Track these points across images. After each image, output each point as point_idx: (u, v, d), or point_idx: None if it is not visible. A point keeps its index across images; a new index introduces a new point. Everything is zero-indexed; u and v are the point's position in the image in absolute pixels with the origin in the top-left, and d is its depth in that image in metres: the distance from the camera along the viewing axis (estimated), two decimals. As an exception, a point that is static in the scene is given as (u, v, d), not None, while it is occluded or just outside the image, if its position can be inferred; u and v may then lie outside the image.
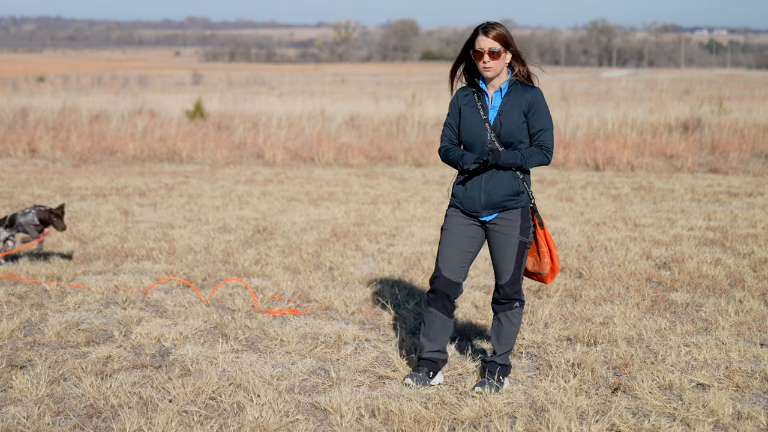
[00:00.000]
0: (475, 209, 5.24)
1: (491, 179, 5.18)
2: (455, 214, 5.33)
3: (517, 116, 5.15)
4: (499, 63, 5.15)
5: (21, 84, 45.91)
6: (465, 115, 5.27)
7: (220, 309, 7.07)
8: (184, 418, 4.89)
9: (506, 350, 5.41)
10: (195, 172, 15.82)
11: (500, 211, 5.22)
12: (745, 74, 75.02)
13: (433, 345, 5.42)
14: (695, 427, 4.81)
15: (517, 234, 5.23)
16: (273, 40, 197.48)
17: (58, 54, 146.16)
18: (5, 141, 18.38)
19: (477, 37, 5.17)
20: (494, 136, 5.18)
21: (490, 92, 5.25)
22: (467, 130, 5.25)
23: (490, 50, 5.11)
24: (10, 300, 7.25)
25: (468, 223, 5.29)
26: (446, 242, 5.31)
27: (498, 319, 5.41)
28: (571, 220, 10.89)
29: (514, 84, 5.23)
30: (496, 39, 5.12)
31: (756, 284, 7.72)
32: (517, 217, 5.23)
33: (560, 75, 69.54)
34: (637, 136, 18.39)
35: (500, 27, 5.15)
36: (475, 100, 5.26)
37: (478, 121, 5.21)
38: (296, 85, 46.15)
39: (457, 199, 5.31)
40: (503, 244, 5.25)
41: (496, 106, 5.22)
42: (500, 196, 5.18)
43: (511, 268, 5.29)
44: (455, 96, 5.36)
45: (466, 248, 5.31)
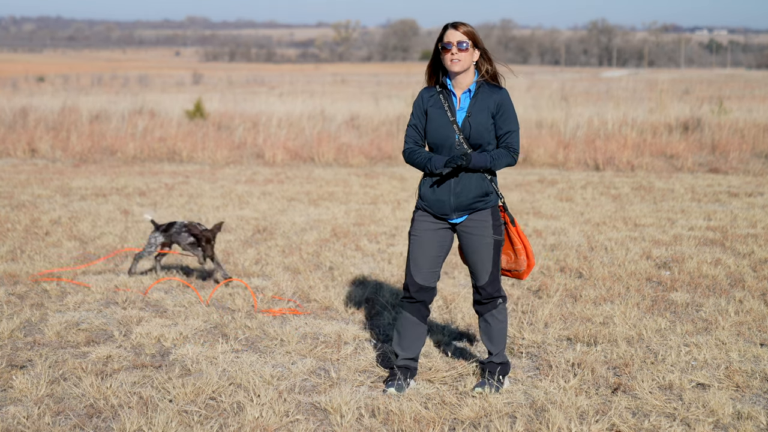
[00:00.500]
0: (445, 212, 5.17)
1: (460, 181, 5.12)
2: (423, 218, 5.25)
3: (485, 118, 5.11)
4: (467, 58, 5.10)
5: (21, 84, 45.92)
6: (432, 117, 5.18)
7: (220, 309, 7.07)
8: (184, 418, 4.89)
9: (501, 348, 5.38)
10: (195, 172, 15.82)
11: (470, 212, 5.18)
12: (745, 74, 75.03)
13: (407, 353, 5.37)
14: (695, 427, 4.81)
15: (490, 233, 5.19)
16: (273, 40, 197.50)
17: (58, 54, 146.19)
18: (5, 141, 18.38)
19: (446, 32, 5.12)
20: (462, 137, 5.11)
21: (458, 93, 5.18)
22: (435, 132, 5.16)
23: (458, 42, 5.07)
24: (10, 300, 7.25)
25: (437, 227, 5.22)
26: (416, 248, 5.24)
27: (485, 320, 5.35)
28: (571, 220, 10.89)
29: (481, 85, 5.18)
30: (465, 34, 5.09)
31: (756, 284, 7.72)
32: (488, 217, 5.19)
33: (560, 75, 69.54)
34: (637, 136, 18.39)
35: (469, 26, 5.13)
36: (442, 100, 5.18)
37: (446, 123, 5.13)
38: (296, 85, 46.16)
39: (426, 202, 5.22)
40: (478, 244, 5.20)
41: (464, 107, 5.16)
42: (470, 198, 5.13)
43: (489, 267, 5.24)
44: (419, 97, 5.25)
45: (437, 252, 5.25)
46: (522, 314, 6.89)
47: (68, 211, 11.34)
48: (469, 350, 6.10)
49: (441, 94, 5.19)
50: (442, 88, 5.21)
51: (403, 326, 5.36)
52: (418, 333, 5.36)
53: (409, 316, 5.33)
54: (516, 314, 6.90)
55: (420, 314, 5.33)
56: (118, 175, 15.04)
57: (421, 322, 5.34)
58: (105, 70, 76.35)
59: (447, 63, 5.11)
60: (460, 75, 5.15)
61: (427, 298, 5.30)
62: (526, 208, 11.76)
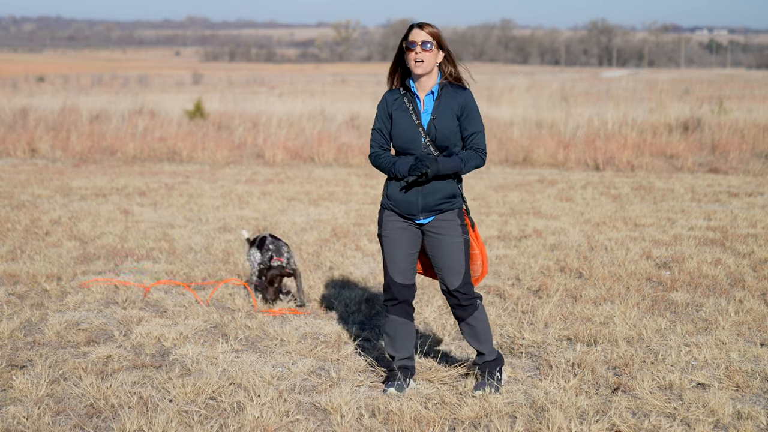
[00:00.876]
0: (412, 212, 5.11)
1: (428, 183, 5.06)
2: (391, 218, 5.19)
3: (450, 120, 5.05)
4: (430, 58, 5.02)
5: (21, 84, 45.92)
6: (397, 120, 5.11)
7: (220, 309, 7.07)
8: (184, 418, 4.89)
9: (490, 345, 5.32)
10: (195, 171, 15.82)
11: (437, 213, 5.12)
12: (745, 74, 75.04)
13: (402, 353, 5.34)
14: (695, 426, 4.81)
15: (460, 233, 5.13)
16: (273, 40, 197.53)
17: (58, 54, 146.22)
18: (5, 141, 18.38)
19: (411, 31, 5.05)
20: (429, 140, 5.05)
21: (421, 95, 5.11)
22: (400, 136, 5.10)
23: (423, 42, 4.99)
24: (10, 300, 7.25)
25: (405, 226, 5.16)
26: (390, 248, 5.19)
27: (467, 324, 5.26)
28: (571, 220, 10.89)
29: (444, 86, 5.11)
30: (430, 34, 5.01)
31: (756, 284, 7.72)
32: (455, 217, 5.14)
33: (560, 75, 69.55)
34: (637, 135, 18.39)
35: (435, 27, 5.05)
36: (406, 103, 5.11)
37: (411, 126, 5.06)
38: (296, 85, 46.16)
39: (392, 202, 5.16)
40: (449, 245, 5.12)
41: (428, 109, 5.09)
42: (437, 200, 5.08)
43: (462, 267, 5.15)
44: (383, 100, 5.19)
45: (410, 249, 5.19)
46: (522, 314, 6.89)
47: (68, 211, 11.34)
48: (469, 350, 6.10)
49: (405, 97, 5.12)
50: (405, 90, 5.14)
51: (392, 329, 5.31)
52: (408, 331, 5.32)
53: (395, 318, 5.29)
54: (516, 314, 6.90)
55: (406, 313, 5.29)
56: (118, 175, 15.04)
57: (409, 320, 5.31)
58: (105, 70, 76.38)
59: (410, 63, 5.03)
60: (424, 77, 5.08)
61: (409, 296, 5.26)
62: (526, 208, 11.77)
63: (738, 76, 66.50)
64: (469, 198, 12.62)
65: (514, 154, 17.17)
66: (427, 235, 5.17)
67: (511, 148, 17.47)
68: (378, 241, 7.08)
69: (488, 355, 5.33)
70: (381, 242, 5.24)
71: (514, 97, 25.92)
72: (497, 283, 7.85)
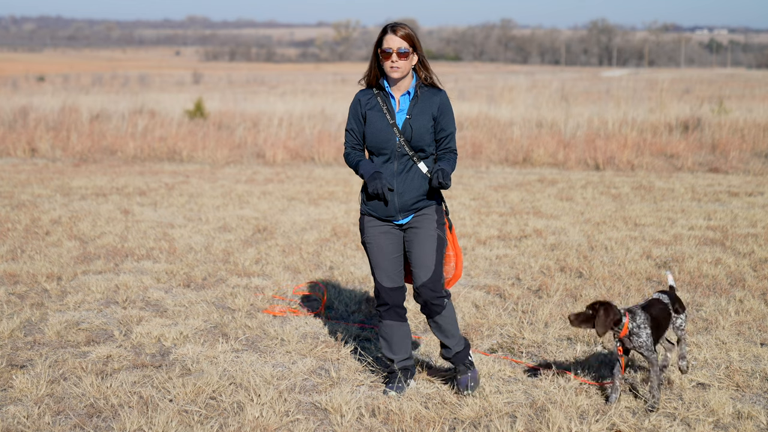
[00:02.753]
0: (390, 214, 5.10)
1: (404, 182, 5.05)
2: (371, 223, 5.17)
3: (427, 120, 5.03)
4: (407, 64, 4.99)
5: (21, 83, 45.92)
6: (371, 120, 5.08)
7: (220, 308, 7.07)
8: (184, 418, 4.89)
9: (458, 337, 5.28)
10: (195, 171, 15.82)
11: (415, 212, 5.12)
12: (745, 74, 75.02)
13: (401, 355, 5.32)
14: (695, 426, 4.81)
15: (434, 227, 5.11)
16: (273, 40, 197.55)
17: (59, 53, 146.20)
18: (5, 140, 18.38)
19: (385, 36, 4.99)
20: (403, 140, 5.02)
21: (396, 95, 5.08)
22: (374, 136, 5.06)
23: (398, 50, 4.95)
24: (10, 299, 7.25)
25: (386, 230, 5.15)
26: (375, 254, 5.17)
27: (435, 321, 5.22)
28: (572, 219, 10.89)
29: (420, 87, 5.08)
30: (404, 38, 4.97)
31: (756, 284, 7.72)
32: (432, 213, 5.13)
33: (560, 74, 69.54)
34: (638, 135, 18.39)
35: (409, 28, 5.02)
36: (380, 103, 5.07)
37: (386, 126, 5.04)
38: (296, 85, 46.18)
39: (370, 207, 5.16)
40: (422, 238, 5.10)
41: (404, 109, 5.06)
42: (413, 198, 5.07)
43: (432, 263, 5.10)
44: (356, 100, 5.14)
45: (395, 253, 5.17)
46: (522, 314, 6.89)
47: (68, 210, 11.34)
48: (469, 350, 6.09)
49: (379, 97, 5.08)
50: (379, 90, 5.10)
51: (387, 333, 5.29)
52: (404, 333, 5.30)
53: (389, 322, 5.26)
54: (516, 314, 6.90)
55: (399, 316, 5.26)
56: (118, 175, 15.04)
57: (403, 322, 5.29)
58: (105, 69, 76.38)
59: (387, 69, 5.00)
60: (400, 79, 5.05)
61: (400, 299, 5.23)
62: (526, 207, 11.76)
63: (738, 76, 66.49)
64: (469, 198, 12.62)
65: (514, 154, 17.17)
66: (406, 233, 5.17)
67: (511, 148, 17.47)
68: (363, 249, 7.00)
69: (456, 346, 5.28)
70: (365, 249, 5.23)
71: (514, 96, 25.92)
72: (497, 282, 7.85)
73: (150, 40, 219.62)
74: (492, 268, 8.39)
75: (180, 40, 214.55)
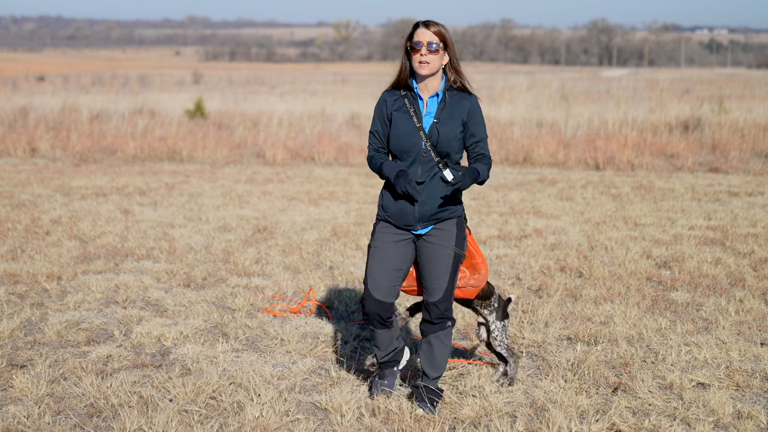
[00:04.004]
0: (409, 223, 4.84)
1: (425, 190, 4.79)
2: (385, 230, 4.91)
3: (456, 125, 4.78)
4: (436, 60, 4.75)
5: (21, 83, 45.93)
6: (396, 122, 4.83)
7: (220, 308, 7.07)
8: (184, 418, 4.89)
9: (439, 374, 5.02)
10: (195, 171, 15.82)
11: (435, 223, 4.86)
12: (745, 74, 75.01)
13: (387, 349, 5.14)
14: (695, 426, 4.81)
15: (452, 245, 4.86)
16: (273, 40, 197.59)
17: (59, 53, 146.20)
18: (5, 140, 18.38)
19: (416, 30, 4.77)
20: (429, 145, 4.76)
21: (424, 96, 4.84)
22: (399, 138, 4.81)
23: (428, 43, 4.73)
24: (10, 299, 7.25)
25: (399, 240, 4.89)
26: (376, 261, 4.90)
27: (428, 342, 4.98)
28: (572, 219, 10.89)
29: (450, 90, 4.85)
30: (436, 34, 4.74)
31: (756, 284, 7.72)
32: (453, 228, 4.88)
33: (560, 74, 69.53)
34: (638, 135, 18.39)
35: (442, 26, 4.79)
36: (407, 105, 4.83)
37: (412, 129, 4.78)
38: (296, 85, 46.18)
39: (388, 213, 4.89)
40: (437, 256, 4.86)
41: (431, 111, 4.82)
42: (435, 208, 4.81)
43: (445, 283, 4.88)
44: (382, 101, 4.90)
45: (397, 266, 4.91)
46: (522, 313, 6.89)
47: (68, 210, 11.34)
48: (469, 350, 6.10)
49: (406, 98, 4.85)
50: (407, 90, 4.86)
51: (380, 341, 5.11)
52: (392, 336, 5.11)
53: (378, 330, 5.05)
54: (516, 314, 6.90)
55: (383, 325, 5.02)
56: (118, 175, 15.04)
57: (387, 328, 5.05)
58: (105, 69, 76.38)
59: (415, 65, 4.77)
60: (428, 78, 4.82)
61: (384, 313, 4.96)
62: (526, 207, 11.77)
63: (738, 76, 66.48)
64: (469, 198, 12.62)
65: (514, 154, 17.17)
66: (420, 244, 4.92)
67: (512, 148, 17.48)
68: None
69: (432, 382, 5.01)
70: (369, 252, 4.97)
71: (514, 96, 25.92)
72: (497, 282, 7.85)
73: (150, 40, 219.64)
74: (492, 268, 8.39)
75: (180, 40, 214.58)
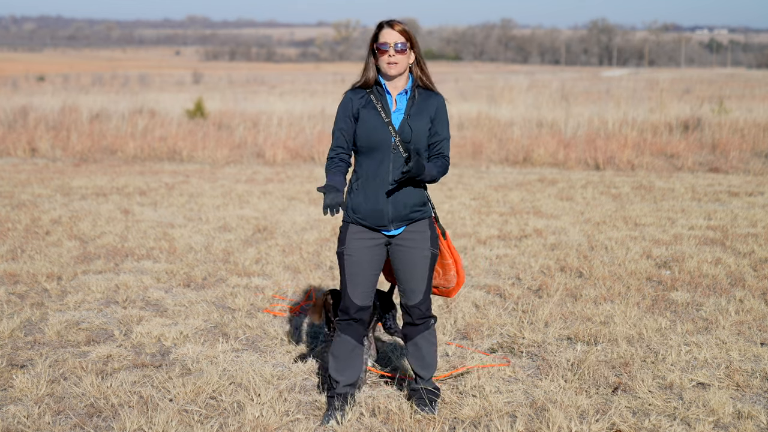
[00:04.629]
0: (382, 223, 4.74)
1: (398, 189, 4.72)
2: (357, 234, 4.78)
3: (425, 122, 4.74)
4: (404, 60, 4.70)
5: (21, 83, 45.92)
6: (364, 118, 4.72)
7: (220, 308, 7.07)
8: (184, 418, 4.89)
9: (432, 373, 5.01)
10: (195, 171, 15.82)
11: (408, 223, 4.78)
12: (745, 74, 75.01)
13: (347, 379, 4.93)
14: (695, 426, 4.81)
15: (428, 246, 4.81)
16: (273, 40, 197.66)
17: (59, 53, 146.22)
18: (5, 140, 18.38)
19: (381, 31, 4.71)
20: (399, 140, 4.68)
21: (393, 93, 4.77)
22: (368, 135, 4.71)
23: (395, 44, 4.67)
24: (10, 299, 7.25)
25: (371, 244, 4.79)
26: (353, 269, 4.78)
27: (415, 344, 4.95)
28: (572, 219, 10.89)
29: (417, 87, 4.80)
30: (401, 33, 4.68)
31: (756, 283, 7.72)
32: (426, 228, 4.81)
33: (560, 74, 69.53)
34: (638, 135, 18.39)
35: (405, 24, 4.75)
36: (374, 101, 4.75)
37: (381, 125, 4.70)
38: (296, 85, 46.20)
39: (359, 215, 4.76)
40: (415, 259, 4.80)
41: (401, 108, 4.76)
42: (408, 207, 4.74)
43: (424, 285, 4.84)
44: (347, 99, 4.80)
45: (374, 270, 4.82)
46: (522, 313, 6.89)
47: (68, 210, 11.35)
48: (470, 350, 6.10)
49: (372, 95, 4.76)
50: (375, 85, 4.79)
51: (341, 350, 4.90)
52: (356, 355, 4.93)
53: (347, 339, 4.88)
54: (516, 313, 6.90)
55: (358, 335, 4.89)
56: (118, 175, 15.04)
57: (359, 343, 4.91)
58: (105, 69, 76.38)
59: (383, 66, 4.70)
60: (396, 77, 4.77)
61: (365, 317, 4.88)
62: (526, 207, 11.77)
63: (738, 76, 66.48)
64: (469, 197, 12.62)
65: (514, 154, 17.18)
66: (394, 247, 4.83)
67: (512, 148, 17.48)
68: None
69: (428, 383, 5.00)
70: (341, 260, 4.82)
71: (515, 96, 25.92)
72: (497, 282, 7.85)
73: (150, 40, 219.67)
74: (492, 268, 8.39)
75: (180, 40, 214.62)
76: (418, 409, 4.96)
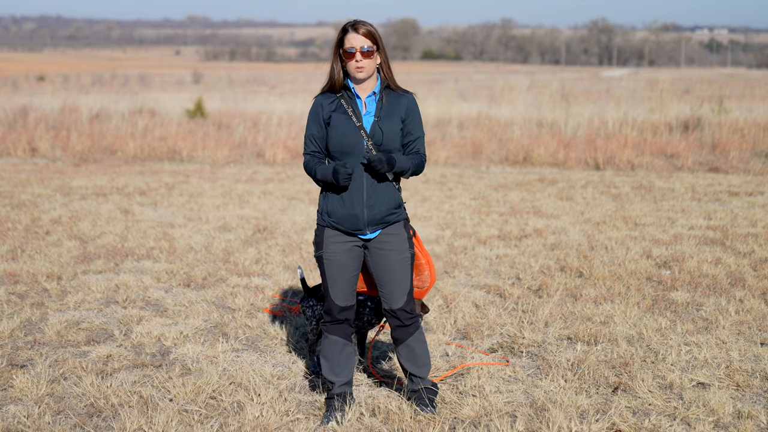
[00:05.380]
0: (358, 227, 4.74)
1: (374, 193, 4.72)
2: (332, 238, 4.79)
3: (396, 123, 4.73)
4: (371, 63, 4.69)
5: (21, 83, 45.91)
6: (335, 123, 4.71)
7: (220, 308, 7.07)
8: (184, 417, 4.89)
9: (428, 371, 5.02)
10: (195, 171, 15.82)
11: (384, 226, 4.79)
12: (745, 73, 75.00)
13: (342, 378, 4.96)
14: (695, 426, 4.81)
15: (407, 248, 4.82)
16: (273, 39, 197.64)
17: (59, 53, 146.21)
18: (5, 140, 18.38)
19: (346, 35, 4.67)
20: (372, 143, 4.68)
21: (362, 96, 4.76)
22: (340, 139, 4.70)
23: (361, 48, 4.64)
24: (10, 299, 7.25)
25: (348, 247, 4.79)
26: (333, 271, 4.80)
27: (407, 346, 4.94)
28: (572, 219, 10.89)
29: (386, 88, 4.79)
30: (367, 36, 4.65)
31: (756, 283, 7.72)
32: (402, 230, 4.83)
33: (560, 74, 69.53)
34: (638, 135, 18.39)
35: (370, 25, 4.70)
36: (344, 105, 4.73)
37: (352, 129, 4.69)
38: (296, 84, 46.19)
39: (334, 219, 4.76)
40: (396, 261, 4.81)
41: (371, 111, 4.75)
42: (384, 211, 4.75)
43: (407, 285, 4.85)
44: (317, 104, 4.78)
45: (353, 272, 4.84)
46: (522, 313, 6.89)
47: (68, 210, 11.34)
48: (470, 350, 6.10)
49: (342, 99, 4.75)
50: (343, 90, 4.77)
51: (331, 351, 4.93)
52: (347, 353, 4.95)
53: (335, 339, 4.91)
54: (516, 313, 6.90)
55: (345, 334, 4.93)
56: (118, 175, 15.04)
57: (348, 341, 4.95)
58: (105, 69, 76.36)
59: (351, 70, 4.68)
60: (365, 80, 4.76)
61: (351, 316, 4.92)
62: (526, 207, 11.77)
63: (738, 76, 66.47)
64: (469, 197, 12.62)
65: (514, 154, 17.18)
66: (371, 251, 4.82)
67: (512, 148, 17.48)
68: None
69: (426, 382, 5.02)
70: (321, 264, 4.85)
71: (515, 96, 25.91)
72: (497, 282, 7.85)
73: (150, 40, 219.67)
74: (492, 268, 8.39)
75: (180, 40, 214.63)
76: (419, 409, 4.96)
